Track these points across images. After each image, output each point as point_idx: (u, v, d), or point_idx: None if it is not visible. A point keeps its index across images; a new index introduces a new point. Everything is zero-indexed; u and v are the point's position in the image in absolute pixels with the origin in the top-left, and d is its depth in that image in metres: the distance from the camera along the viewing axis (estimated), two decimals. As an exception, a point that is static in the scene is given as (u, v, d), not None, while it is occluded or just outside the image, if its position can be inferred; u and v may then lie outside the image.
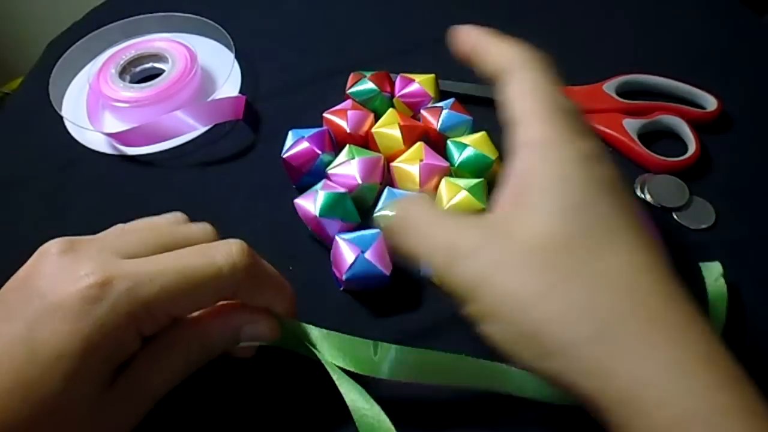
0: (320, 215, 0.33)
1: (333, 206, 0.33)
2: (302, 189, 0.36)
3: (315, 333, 0.28)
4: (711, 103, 0.41)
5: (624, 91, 0.43)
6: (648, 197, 0.37)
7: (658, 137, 0.40)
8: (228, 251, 0.25)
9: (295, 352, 0.28)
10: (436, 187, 0.35)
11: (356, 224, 0.34)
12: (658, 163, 0.38)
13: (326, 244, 0.35)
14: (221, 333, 0.27)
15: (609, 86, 0.42)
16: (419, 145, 0.36)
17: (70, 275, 0.23)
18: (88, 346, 0.22)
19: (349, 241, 0.32)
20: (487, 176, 0.35)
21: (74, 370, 0.22)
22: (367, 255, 0.31)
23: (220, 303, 0.27)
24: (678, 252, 0.34)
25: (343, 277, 0.31)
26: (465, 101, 0.41)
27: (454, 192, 0.34)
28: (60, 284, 0.23)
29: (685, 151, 0.39)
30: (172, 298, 0.24)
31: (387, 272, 0.31)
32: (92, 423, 0.24)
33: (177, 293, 0.24)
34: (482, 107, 0.42)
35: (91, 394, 0.23)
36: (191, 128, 0.42)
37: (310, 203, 0.34)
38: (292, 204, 0.35)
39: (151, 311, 0.24)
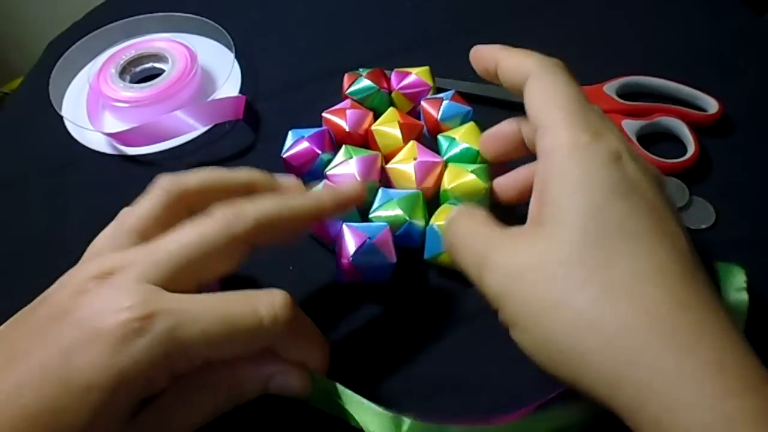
0: None
1: None
2: (302, 189, 0.36)
3: (347, 394, 0.27)
4: (712, 105, 0.41)
5: (625, 93, 0.43)
6: (648, 198, 0.37)
7: (657, 139, 0.41)
8: (271, 303, 0.25)
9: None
10: (435, 183, 0.35)
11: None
12: (656, 164, 0.38)
13: (326, 244, 0.35)
14: (252, 380, 0.26)
15: (609, 87, 0.42)
16: (412, 144, 0.36)
17: (112, 307, 0.23)
18: (120, 380, 0.22)
19: (357, 228, 0.32)
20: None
21: (103, 403, 0.22)
22: (375, 241, 0.32)
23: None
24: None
25: (350, 259, 0.31)
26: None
27: (460, 175, 0.34)
28: (100, 315, 0.23)
29: (685, 152, 0.39)
30: (211, 343, 0.24)
31: (393, 260, 0.32)
32: None
33: (216, 338, 0.24)
34: (481, 105, 0.42)
35: (115, 427, 0.23)
36: (191, 128, 0.42)
37: None
38: (292, 204, 0.35)
39: (188, 353, 0.23)
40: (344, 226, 0.33)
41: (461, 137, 0.36)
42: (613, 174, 0.23)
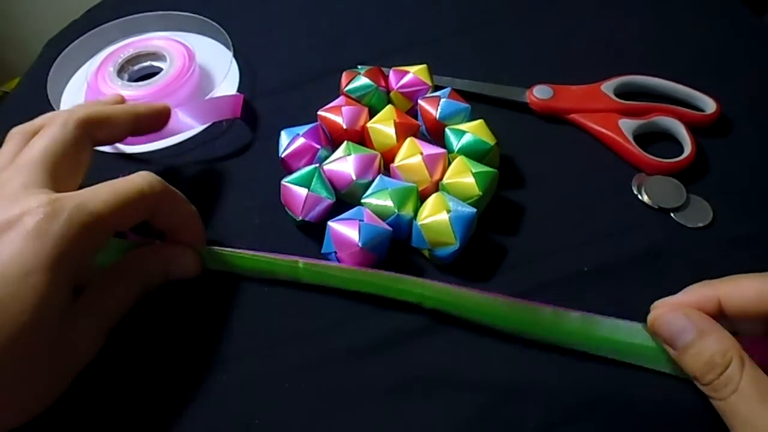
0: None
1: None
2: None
3: (236, 254, 0.34)
4: (710, 106, 0.41)
5: (622, 92, 0.43)
6: (645, 198, 0.37)
7: (654, 138, 0.41)
8: (143, 176, 0.30)
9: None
10: (442, 174, 0.35)
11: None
12: (652, 164, 0.38)
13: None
14: (155, 266, 0.32)
15: (607, 86, 0.42)
16: (411, 141, 0.36)
17: (18, 207, 0.26)
18: (53, 259, 0.25)
19: (343, 220, 0.33)
20: (486, 162, 0.36)
21: (45, 285, 0.25)
22: (366, 220, 0.32)
23: (152, 246, 0.33)
24: (677, 251, 0.35)
25: (359, 245, 0.32)
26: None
27: (461, 173, 0.35)
28: (15, 217, 0.26)
29: (682, 152, 0.39)
30: (113, 210, 0.28)
31: (390, 229, 0.33)
32: (62, 336, 0.26)
33: (116, 206, 0.28)
34: (477, 104, 0.42)
35: (59, 309, 0.26)
36: (189, 127, 0.42)
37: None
38: (290, 202, 0.35)
39: (100, 222, 0.27)
40: (330, 224, 0.33)
41: (470, 130, 0.37)
42: None
